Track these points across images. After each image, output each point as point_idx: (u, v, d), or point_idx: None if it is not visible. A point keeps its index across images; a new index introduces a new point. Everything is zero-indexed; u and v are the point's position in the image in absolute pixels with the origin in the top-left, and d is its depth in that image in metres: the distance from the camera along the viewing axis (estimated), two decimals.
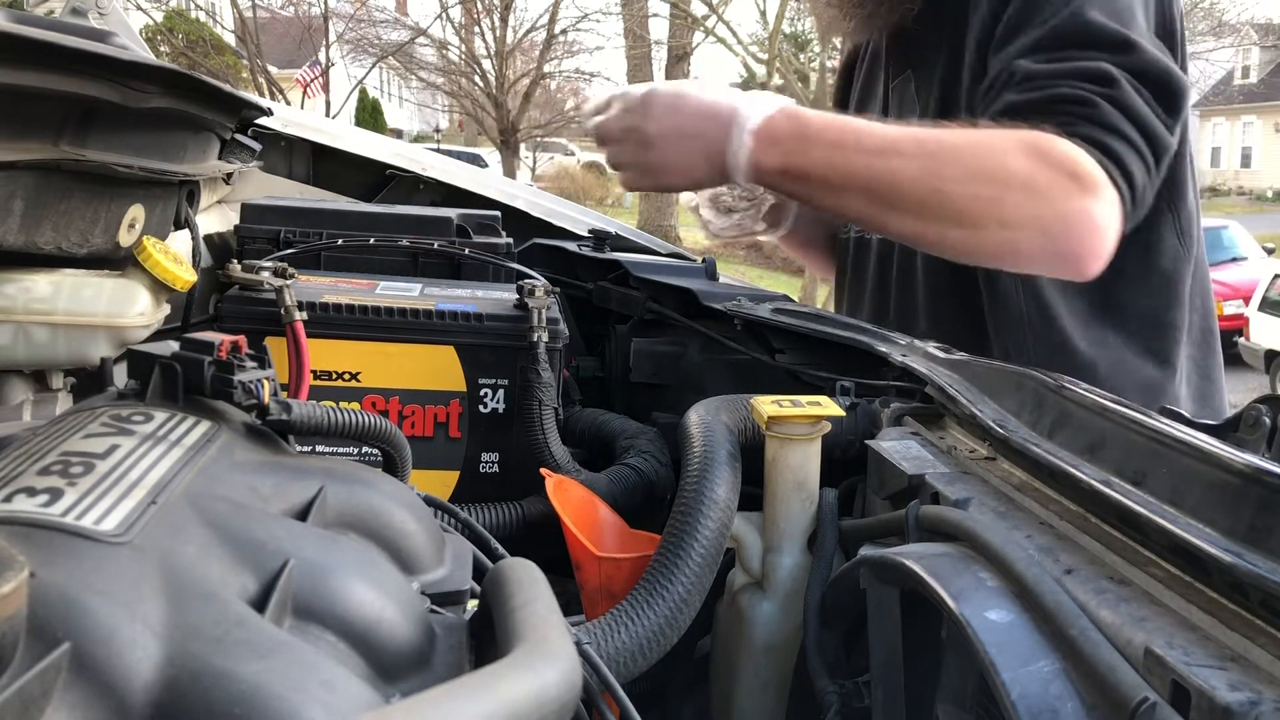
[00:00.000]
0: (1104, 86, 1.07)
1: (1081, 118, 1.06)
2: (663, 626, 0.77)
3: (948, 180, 1.03)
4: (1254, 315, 9.33)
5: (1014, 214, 1.03)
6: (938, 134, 1.07)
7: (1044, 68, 1.09)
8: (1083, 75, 1.08)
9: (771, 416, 0.87)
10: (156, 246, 0.97)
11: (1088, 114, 1.06)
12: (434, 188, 1.75)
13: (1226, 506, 0.53)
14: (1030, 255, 1.08)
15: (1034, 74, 1.09)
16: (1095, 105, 1.06)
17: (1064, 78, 1.08)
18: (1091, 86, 1.07)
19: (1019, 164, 1.03)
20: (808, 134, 1.07)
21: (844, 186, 1.07)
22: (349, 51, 18.17)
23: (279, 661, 0.36)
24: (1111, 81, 1.07)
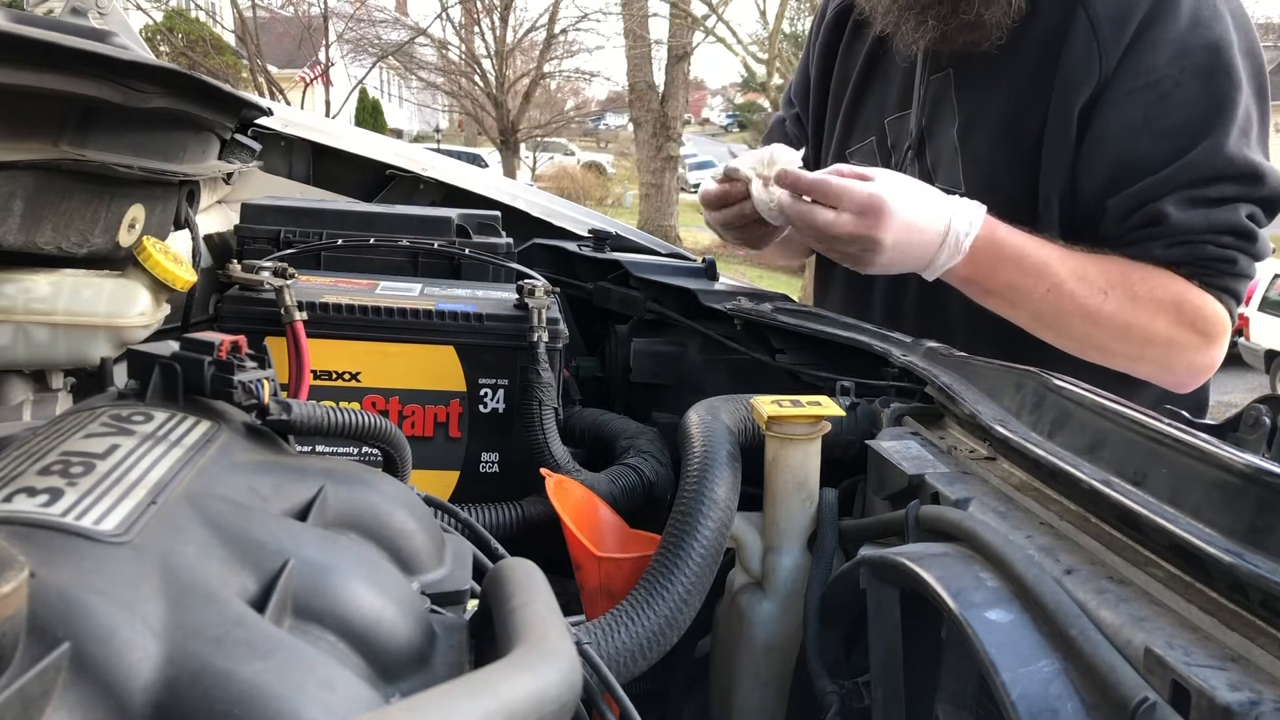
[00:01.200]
0: (1244, 240, 1.18)
1: (1224, 274, 1.19)
2: (663, 626, 0.77)
3: (1101, 326, 1.19)
4: (1254, 315, 9.32)
5: (1148, 359, 1.22)
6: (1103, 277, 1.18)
7: (1187, 218, 1.17)
8: (1225, 229, 1.18)
9: (771, 416, 0.87)
10: (156, 246, 0.97)
11: (1229, 270, 1.19)
12: (434, 188, 1.75)
13: (1226, 506, 0.53)
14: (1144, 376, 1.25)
15: (1179, 227, 1.17)
16: (1236, 262, 1.19)
17: (1210, 233, 1.18)
18: (1232, 241, 1.18)
19: (1163, 327, 1.18)
20: (1001, 256, 1.17)
21: (1016, 307, 1.21)
22: (349, 51, 18.17)
23: (279, 661, 0.36)
24: (1252, 236, 1.19)
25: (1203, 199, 1.17)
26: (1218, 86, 1.16)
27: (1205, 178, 1.17)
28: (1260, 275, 9.61)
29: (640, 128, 14.59)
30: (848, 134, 1.47)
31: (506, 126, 17.88)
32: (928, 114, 1.35)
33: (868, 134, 1.44)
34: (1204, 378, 1.26)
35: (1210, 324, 1.20)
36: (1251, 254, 1.20)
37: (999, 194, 1.22)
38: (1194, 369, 1.24)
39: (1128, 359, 1.22)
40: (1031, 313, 1.20)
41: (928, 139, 1.35)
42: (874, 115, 1.43)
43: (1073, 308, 1.18)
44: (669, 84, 14.41)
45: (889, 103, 1.41)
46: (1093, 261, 1.18)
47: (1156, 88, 1.17)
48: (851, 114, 1.47)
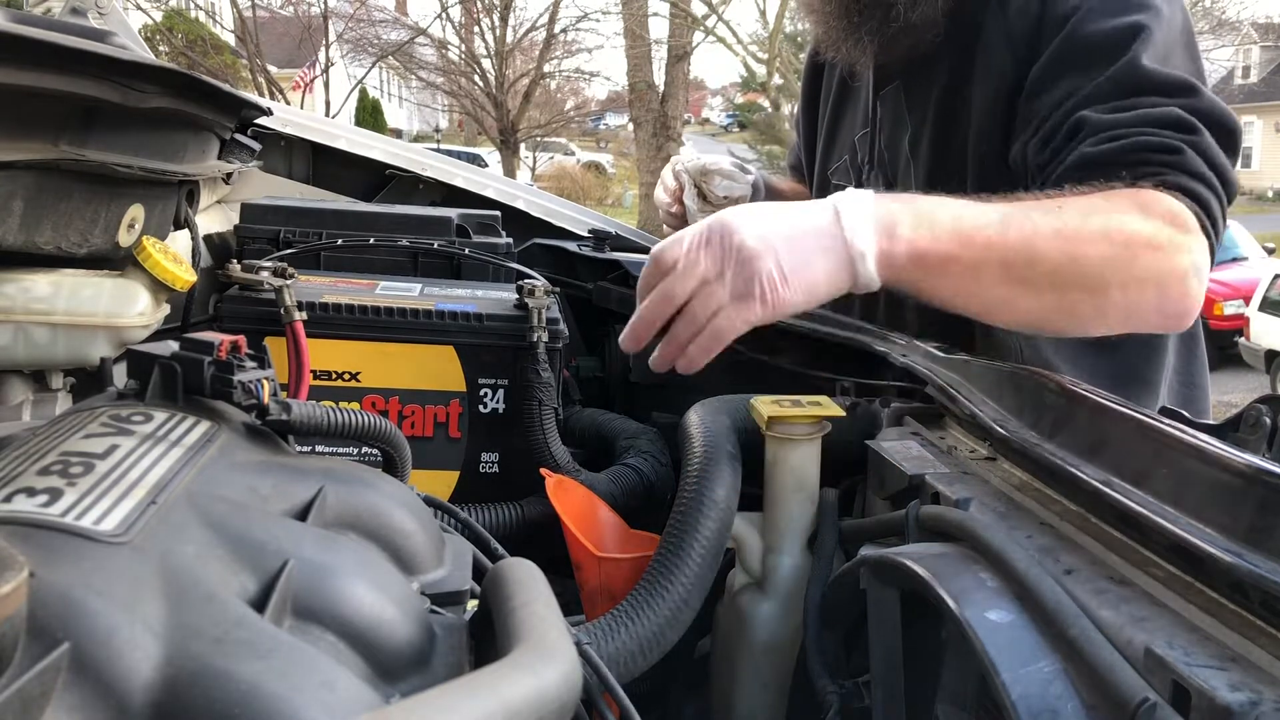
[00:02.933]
0: (1186, 133, 1.04)
1: (1170, 166, 1.02)
2: (663, 626, 0.77)
3: (1083, 242, 0.95)
4: (1254, 315, 9.32)
5: (1141, 273, 0.98)
6: (1055, 199, 0.98)
7: (1119, 117, 1.05)
8: (1161, 122, 1.04)
9: (771, 416, 0.87)
10: (156, 246, 0.97)
11: (1176, 162, 1.02)
12: (434, 188, 1.75)
13: (1226, 506, 0.53)
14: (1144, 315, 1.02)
15: (1109, 124, 1.05)
16: (1182, 152, 1.02)
17: (1143, 125, 1.04)
18: (1173, 133, 1.03)
19: (1139, 224, 0.97)
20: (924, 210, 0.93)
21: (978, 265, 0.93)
22: (349, 51, 18.17)
23: (278, 661, 0.36)
24: (1192, 128, 1.04)
25: (1129, 106, 1.05)
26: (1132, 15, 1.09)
27: (1127, 91, 1.06)
28: (1260, 275, 9.62)
29: (640, 128, 14.59)
30: (828, 155, 1.50)
31: (506, 126, 17.88)
32: (886, 128, 1.35)
33: (843, 153, 1.46)
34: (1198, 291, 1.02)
35: (1183, 220, 0.99)
36: (1200, 150, 1.02)
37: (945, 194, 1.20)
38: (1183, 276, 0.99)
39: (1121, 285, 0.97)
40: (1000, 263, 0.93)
41: (888, 152, 1.36)
42: (847, 134, 1.46)
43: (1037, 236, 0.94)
44: (669, 84, 14.40)
45: (857, 121, 1.43)
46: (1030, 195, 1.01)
47: (1069, 34, 1.11)
48: (830, 135, 1.50)
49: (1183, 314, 1.03)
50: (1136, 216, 0.98)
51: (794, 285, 0.87)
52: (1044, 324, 1.02)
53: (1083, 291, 0.96)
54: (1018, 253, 0.93)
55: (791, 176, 1.73)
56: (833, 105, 1.50)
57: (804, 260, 0.88)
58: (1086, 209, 0.97)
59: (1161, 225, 0.98)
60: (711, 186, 1.51)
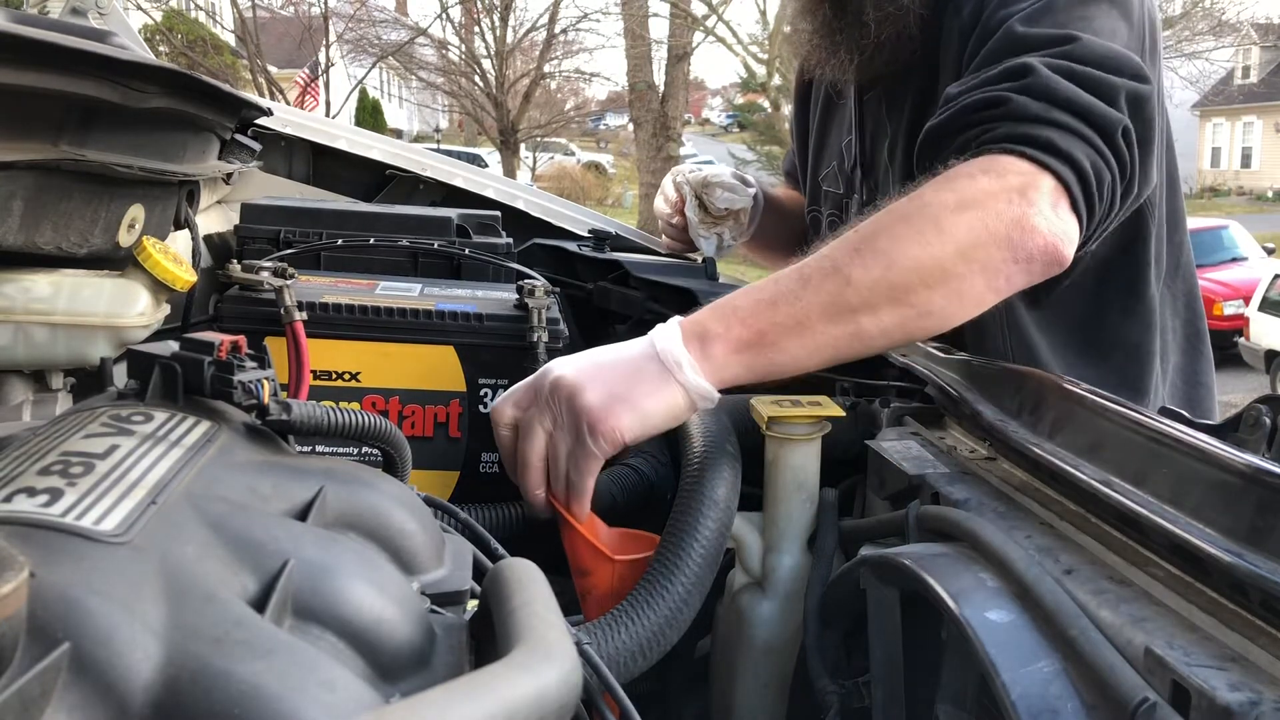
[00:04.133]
0: (1016, 80, 0.97)
1: (996, 119, 0.96)
2: (663, 626, 0.77)
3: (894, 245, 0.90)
4: (1254, 315, 9.32)
5: (966, 238, 0.91)
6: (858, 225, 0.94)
7: (962, 84, 1.03)
8: (998, 78, 0.99)
9: (771, 416, 0.87)
10: (156, 246, 0.97)
11: (1001, 113, 0.96)
12: (434, 188, 1.75)
13: (1226, 506, 0.53)
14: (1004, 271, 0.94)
15: (950, 95, 1.02)
16: (1007, 101, 0.96)
17: (977, 87, 1.00)
18: (1004, 85, 0.98)
19: (941, 193, 0.93)
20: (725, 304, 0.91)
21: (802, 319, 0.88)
22: (349, 51, 18.17)
23: (279, 662, 0.36)
24: (1026, 71, 0.97)
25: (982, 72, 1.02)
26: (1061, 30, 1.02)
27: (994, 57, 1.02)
28: (1260, 275, 9.62)
29: (640, 128, 14.59)
30: (819, 161, 1.51)
31: (506, 126, 17.89)
32: (870, 135, 1.37)
33: (832, 159, 1.47)
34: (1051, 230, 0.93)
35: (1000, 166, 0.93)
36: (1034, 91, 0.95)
37: None
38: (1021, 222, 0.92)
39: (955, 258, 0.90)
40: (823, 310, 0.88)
41: (871, 159, 1.37)
42: (835, 140, 1.47)
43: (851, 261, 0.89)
44: (669, 84, 14.41)
45: (844, 126, 1.44)
46: None
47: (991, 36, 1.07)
48: (820, 142, 1.52)
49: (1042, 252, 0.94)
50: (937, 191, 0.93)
51: (621, 411, 0.83)
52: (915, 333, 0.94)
53: (923, 287, 0.90)
54: (829, 288, 0.88)
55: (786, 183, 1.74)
56: (820, 113, 1.51)
57: (627, 387, 0.85)
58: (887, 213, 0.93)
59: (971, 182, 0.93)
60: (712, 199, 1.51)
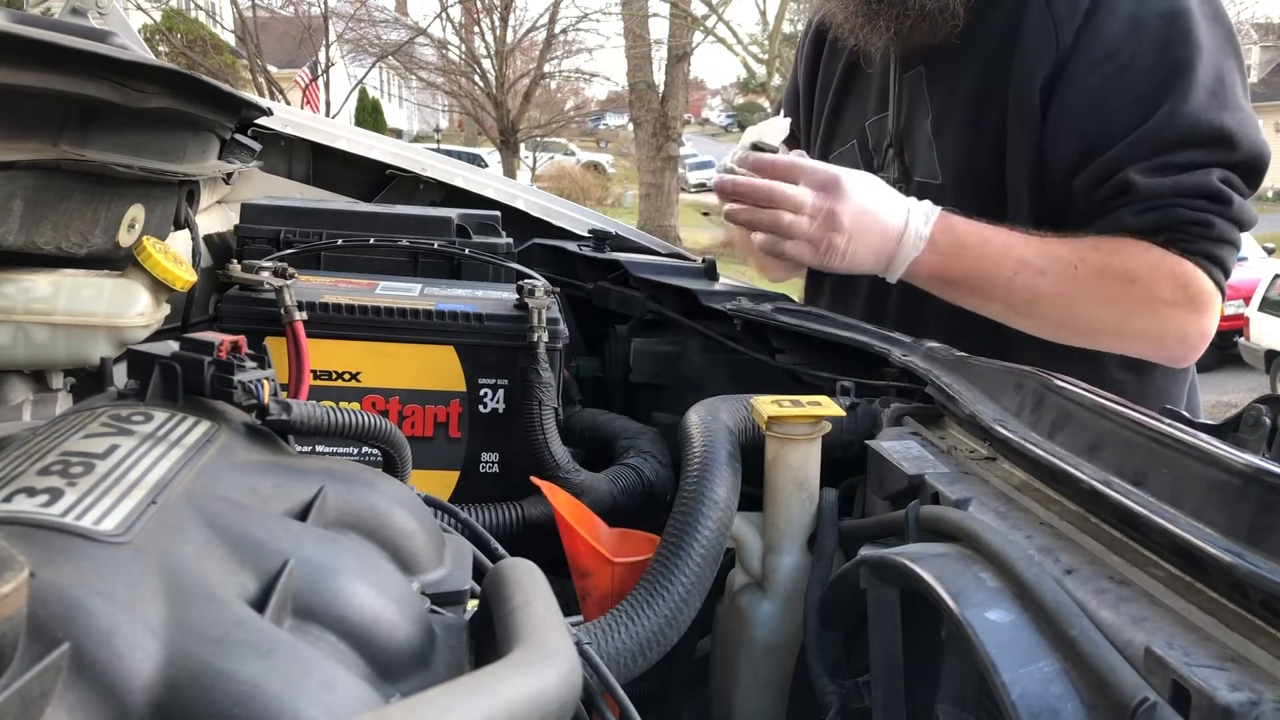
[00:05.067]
0: (1218, 204, 1.14)
1: (1200, 237, 1.14)
2: (663, 626, 0.76)
3: (1079, 300, 1.16)
4: (1254, 315, 9.32)
5: (1134, 330, 1.18)
6: (1072, 252, 1.16)
7: (1155, 184, 1.14)
8: (1196, 192, 1.14)
9: (771, 416, 0.86)
10: (156, 246, 0.97)
11: (1205, 234, 1.14)
12: (434, 188, 1.75)
13: (1226, 506, 0.53)
14: (1137, 354, 1.23)
15: (1147, 193, 1.14)
16: (1212, 226, 1.14)
17: (1180, 196, 1.14)
18: (1206, 205, 1.14)
19: (1141, 291, 1.15)
20: (963, 244, 1.17)
21: (987, 296, 1.19)
22: (349, 51, 18.17)
23: (279, 662, 0.36)
24: (1226, 199, 1.14)
25: (1169, 165, 1.15)
26: (1176, 53, 1.15)
27: (1169, 143, 1.15)
28: (1260, 275, 9.62)
29: (640, 128, 14.59)
30: (829, 141, 1.51)
31: (506, 126, 17.88)
32: (904, 112, 1.36)
33: (848, 139, 1.47)
34: (1198, 349, 1.22)
35: (1193, 288, 1.16)
36: (1229, 218, 1.15)
37: (973, 183, 1.25)
38: (1186, 339, 1.20)
39: (1114, 335, 1.19)
40: (1003, 301, 1.19)
41: (905, 136, 1.37)
42: (853, 121, 1.47)
43: (1044, 285, 1.16)
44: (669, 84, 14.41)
45: (868, 107, 1.44)
46: (1060, 241, 1.18)
47: (1113, 60, 1.17)
48: (833, 122, 1.51)
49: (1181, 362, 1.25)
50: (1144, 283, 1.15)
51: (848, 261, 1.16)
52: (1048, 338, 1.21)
53: (1075, 334, 1.20)
54: (1019, 295, 1.17)
55: None
56: (836, 91, 1.50)
57: (865, 244, 1.16)
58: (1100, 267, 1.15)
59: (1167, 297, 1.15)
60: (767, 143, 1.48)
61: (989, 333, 1.23)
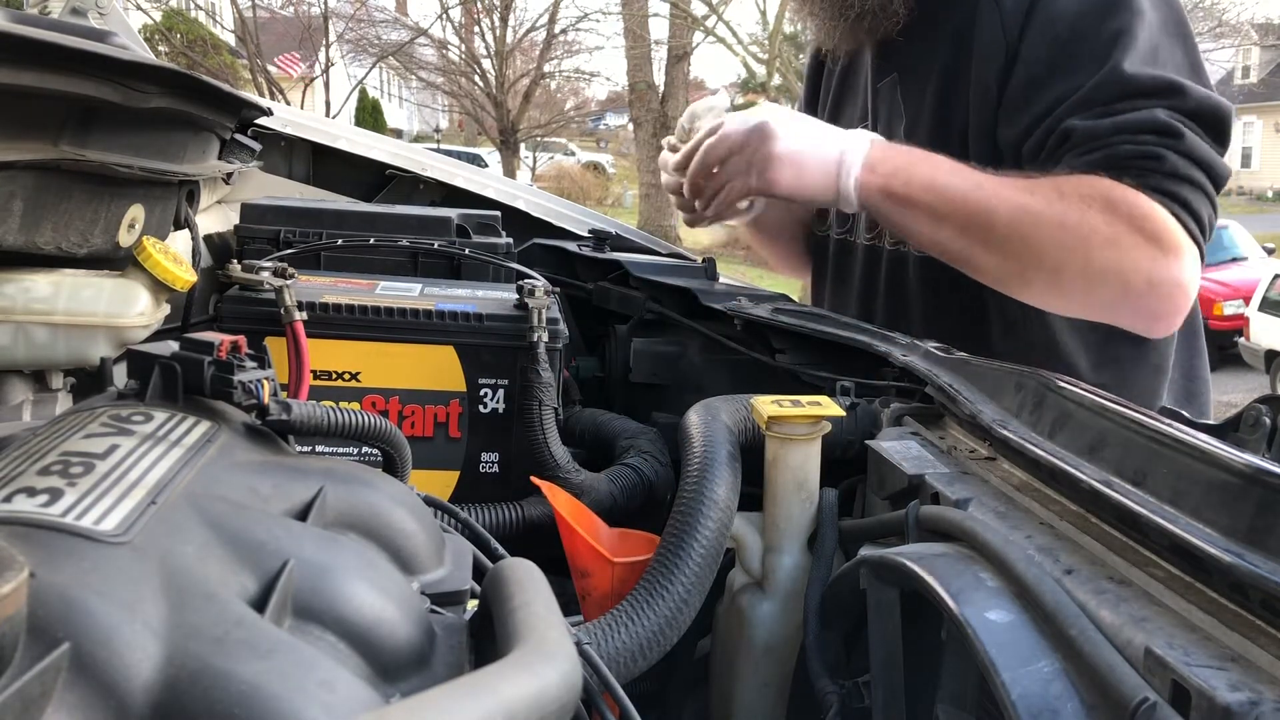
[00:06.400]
0: (1167, 137, 1.08)
1: (1151, 171, 1.08)
2: (663, 626, 0.77)
3: (1039, 223, 1.08)
4: (1254, 315, 9.31)
5: (1098, 267, 1.09)
6: (1027, 180, 1.10)
7: (1095, 125, 1.10)
8: (1142, 127, 1.09)
9: (771, 416, 0.86)
10: (156, 246, 0.97)
11: (1157, 167, 1.08)
12: (434, 188, 1.75)
13: (1226, 506, 0.53)
14: (1110, 308, 1.13)
15: (1093, 133, 1.10)
16: (1162, 158, 1.08)
17: (1124, 132, 1.09)
18: (1153, 138, 1.08)
19: (1100, 220, 1.07)
20: (911, 159, 1.15)
21: (942, 216, 1.13)
22: (349, 51, 18.17)
23: (279, 661, 0.36)
24: (1174, 131, 1.08)
25: (1112, 112, 1.10)
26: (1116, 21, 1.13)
27: (1110, 97, 1.10)
28: (1260, 275, 9.61)
29: (640, 128, 14.60)
30: None
31: (506, 126, 17.88)
32: (882, 119, 1.38)
33: None
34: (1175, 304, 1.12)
35: (1154, 225, 1.07)
36: (1182, 152, 1.07)
37: None
38: (1155, 284, 1.09)
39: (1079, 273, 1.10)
40: (959, 224, 1.12)
41: None
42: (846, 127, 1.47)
43: (999, 206, 1.09)
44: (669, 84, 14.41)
45: (855, 115, 1.45)
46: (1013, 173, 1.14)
47: (1057, 37, 1.16)
48: None
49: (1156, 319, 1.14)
50: (1101, 213, 1.07)
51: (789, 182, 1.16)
52: (1004, 284, 1.16)
53: (1036, 268, 1.11)
54: (977, 215, 1.10)
55: None
56: (832, 102, 1.52)
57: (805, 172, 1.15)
58: (1056, 195, 1.08)
59: (1125, 229, 1.07)
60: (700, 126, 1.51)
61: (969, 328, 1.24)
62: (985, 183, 1.11)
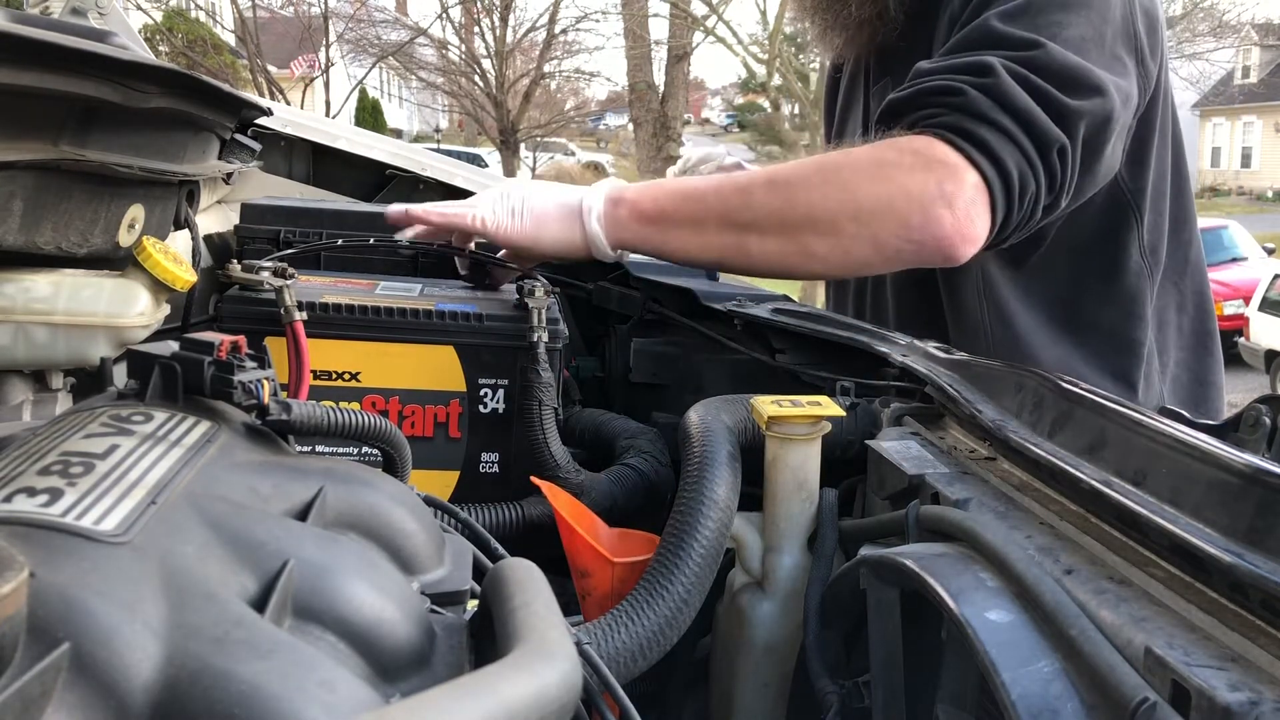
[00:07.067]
0: (978, 76, 1.03)
1: (947, 107, 1.03)
2: (663, 626, 0.77)
3: (798, 188, 1.05)
4: (1254, 315, 9.32)
5: (868, 204, 1.02)
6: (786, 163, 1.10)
7: (932, 64, 1.09)
8: (962, 69, 1.05)
9: (771, 416, 0.86)
10: (156, 246, 0.97)
11: (954, 103, 1.03)
12: (434, 188, 1.75)
13: (1226, 506, 0.53)
14: (894, 246, 1.05)
15: (921, 70, 1.08)
16: (963, 94, 1.03)
17: (944, 72, 1.06)
18: (965, 77, 1.04)
19: (864, 158, 1.04)
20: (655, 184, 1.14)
21: (700, 219, 1.08)
22: (349, 51, 18.16)
23: (279, 662, 0.36)
24: (988, 71, 1.03)
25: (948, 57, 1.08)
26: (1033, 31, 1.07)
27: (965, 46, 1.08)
28: (1260, 275, 9.61)
29: (640, 128, 14.59)
30: None
31: (506, 126, 17.87)
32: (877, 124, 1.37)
33: None
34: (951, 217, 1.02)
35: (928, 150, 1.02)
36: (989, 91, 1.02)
37: None
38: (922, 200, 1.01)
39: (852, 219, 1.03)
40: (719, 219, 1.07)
41: None
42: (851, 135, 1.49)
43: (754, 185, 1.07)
44: (669, 84, 14.41)
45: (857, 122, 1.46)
46: None
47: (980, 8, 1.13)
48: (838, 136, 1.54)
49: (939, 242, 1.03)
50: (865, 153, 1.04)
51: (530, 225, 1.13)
52: (797, 270, 1.11)
53: (812, 233, 1.05)
54: (733, 202, 1.06)
55: None
56: (840, 108, 1.53)
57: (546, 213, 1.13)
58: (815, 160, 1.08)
59: (892, 154, 1.03)
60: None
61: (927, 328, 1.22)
62: (735, 174, 1.10)
